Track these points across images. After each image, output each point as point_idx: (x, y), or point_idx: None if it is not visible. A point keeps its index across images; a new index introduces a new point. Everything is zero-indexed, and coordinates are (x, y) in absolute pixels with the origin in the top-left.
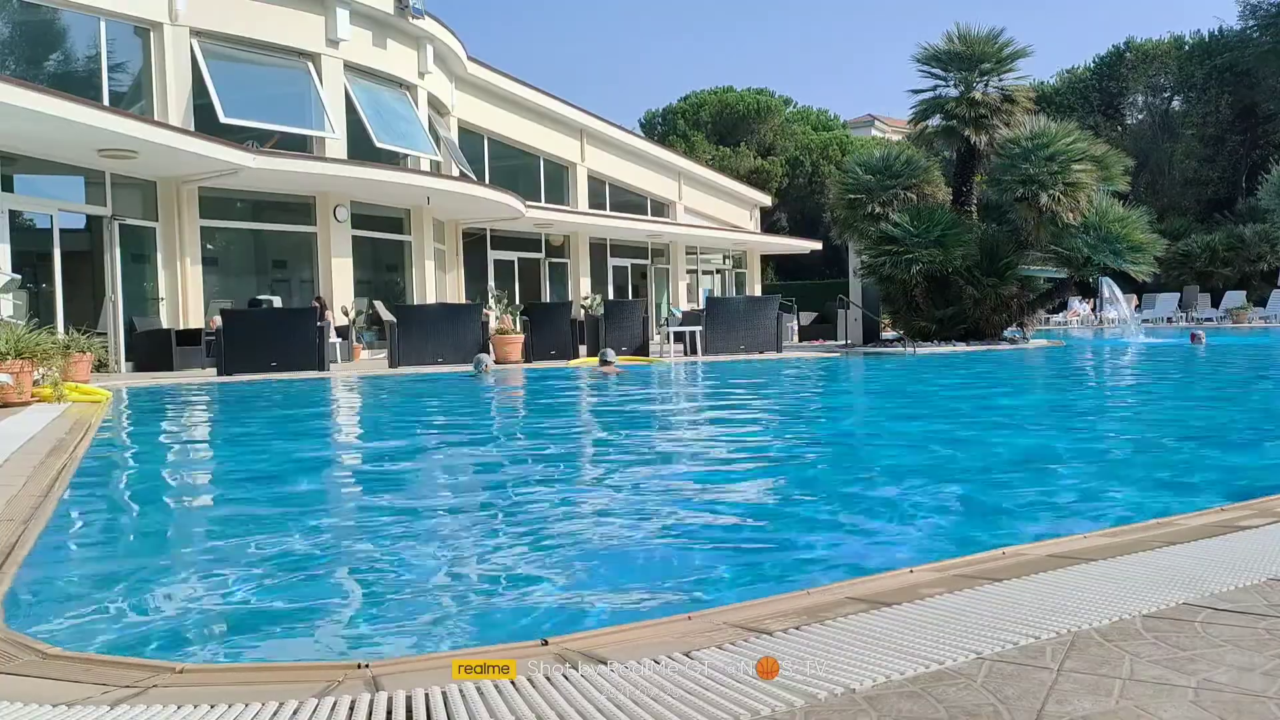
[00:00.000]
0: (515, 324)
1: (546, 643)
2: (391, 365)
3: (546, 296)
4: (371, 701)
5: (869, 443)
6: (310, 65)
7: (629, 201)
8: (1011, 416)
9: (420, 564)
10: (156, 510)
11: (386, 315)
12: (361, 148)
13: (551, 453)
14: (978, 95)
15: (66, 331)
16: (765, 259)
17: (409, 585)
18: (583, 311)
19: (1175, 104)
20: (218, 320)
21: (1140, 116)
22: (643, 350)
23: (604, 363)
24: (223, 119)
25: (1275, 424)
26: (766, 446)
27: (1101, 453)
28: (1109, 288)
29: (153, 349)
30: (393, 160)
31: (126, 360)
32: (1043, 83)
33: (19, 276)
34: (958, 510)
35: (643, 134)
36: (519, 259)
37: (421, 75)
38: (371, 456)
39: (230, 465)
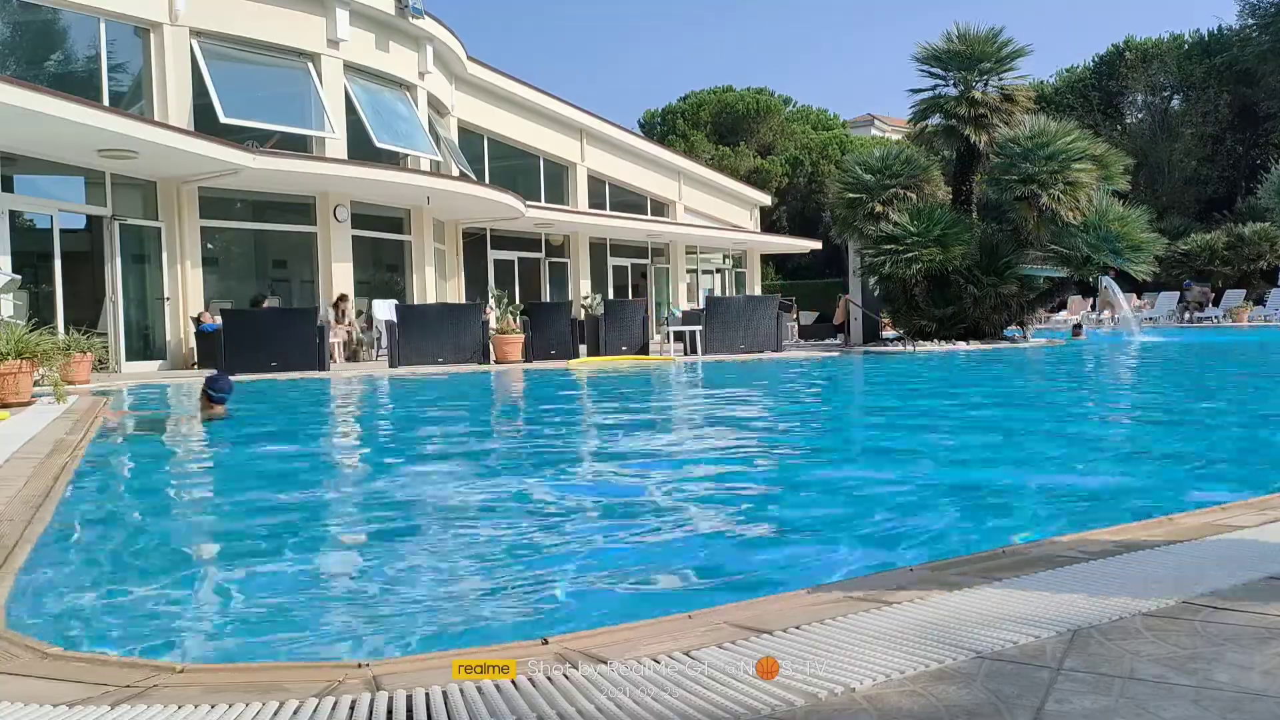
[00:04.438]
0: (515, 324)
1: (546, 642)
2: (392, 365)
3: (546, 296)
4: (372, 701)
5: (868, 442)
6: (310, 65)
7: (629, 201)
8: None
9: (421, 563)
10: (157, 510)
11: (383, 315)
12: (361, 148)
13: (551, 451)
14: (977, 94)
15: (67, 331)
16: (765, 258)
17: (410, 585)
18: (583, 311)
19: (1175, 103)
20: (214, 317)
21: (1140, 116)
22: (643, 350)
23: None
24: (223, 119)
25: None
26: (767, 446)
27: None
28: (1109, 286)
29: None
30: (393, 160)
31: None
32: (1042, 82)
33: (19, 277)
34: (958, 509)
35: (642, 134)
36: (519, 259)
37: (421, 75)
38: (367, 456)
39: (231, 466)
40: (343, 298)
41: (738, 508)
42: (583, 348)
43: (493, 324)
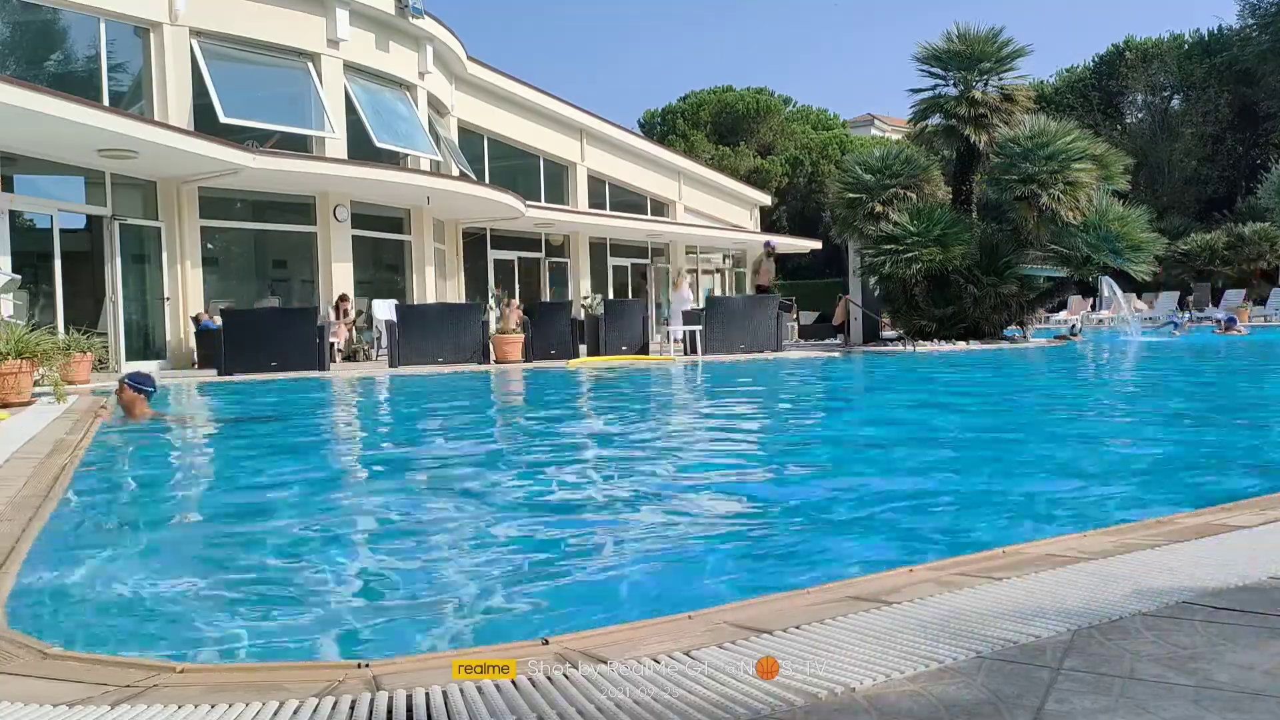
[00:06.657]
0: (516, 320)
1: (547, 642)
2: (392, 365)
3: (546, 296)
4: (372, 701)
5: (867, 442)
6: (310, 65)
7: (629, 201)
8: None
9: (421, 562)
10: (157, 510)
11: (383, 315)
12: (361, 148)
13: (552, 450)
14: (977, 94)
15: (67, 331)
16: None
17: (410, 584)
18: (583, 311)
19: (1175, 103)
20: (214, 317)
21: (1140, 115)
22: (643, 350)
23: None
24: (223, 119)
25: None
26: (767, 446)
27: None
28: (1109, 286)
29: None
30: (393, 160)
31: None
32: (1042, 82)
33: (19, 276)
34: (958, 509)
35: (642, 134)
36: (519, 259)
37: (421, 75)
38: (366, 455)
39: (230, 467)
40: (344, 298)
41: (739, 506)
42: (583, 348)
43: (492, 324)
